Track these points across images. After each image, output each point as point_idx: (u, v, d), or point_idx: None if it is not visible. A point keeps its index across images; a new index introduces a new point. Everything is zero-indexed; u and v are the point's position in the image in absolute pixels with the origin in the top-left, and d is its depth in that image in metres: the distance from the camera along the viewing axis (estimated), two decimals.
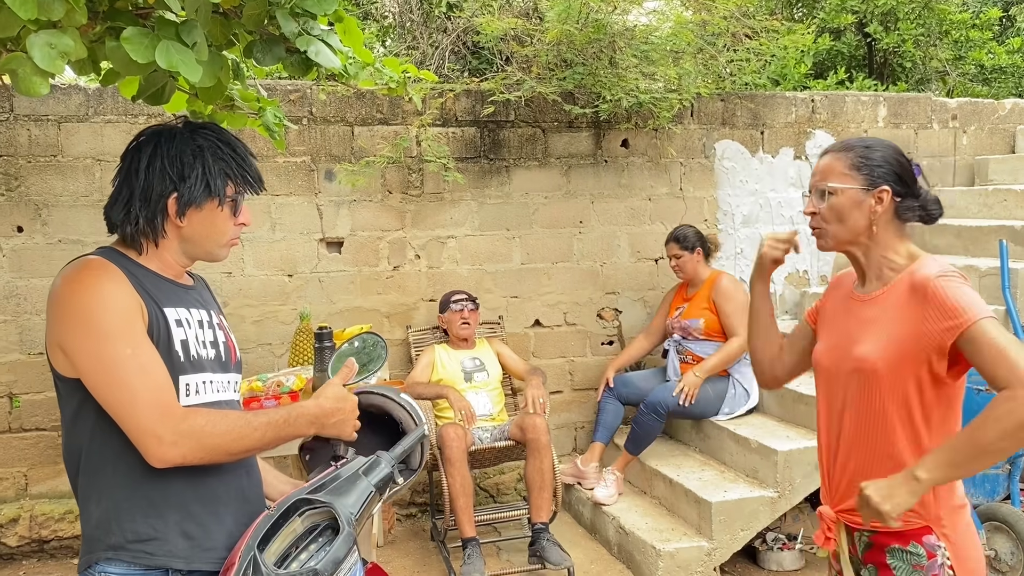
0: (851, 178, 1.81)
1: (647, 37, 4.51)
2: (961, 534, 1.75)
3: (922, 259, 1.79)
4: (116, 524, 1.51)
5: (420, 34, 5.61)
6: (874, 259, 1.83)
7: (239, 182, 1.64)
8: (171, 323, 1.56)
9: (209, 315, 1.69)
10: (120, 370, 1.45)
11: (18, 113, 4.09)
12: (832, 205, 1.82)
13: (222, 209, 1.62)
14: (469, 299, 4.34)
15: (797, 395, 4.12)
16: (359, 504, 1.58)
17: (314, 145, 4.44)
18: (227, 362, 1.70)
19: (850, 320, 1.87)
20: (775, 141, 5.13)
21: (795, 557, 3.99)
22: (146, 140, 1.61)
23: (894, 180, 1.80)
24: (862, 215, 1.80)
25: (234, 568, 1.45)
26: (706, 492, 3.83)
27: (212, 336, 1.67)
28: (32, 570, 4.04)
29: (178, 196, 1.57)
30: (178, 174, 1.57)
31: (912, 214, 1.82)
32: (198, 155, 1.58)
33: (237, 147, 1.65)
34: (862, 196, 1.79)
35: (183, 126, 1.63)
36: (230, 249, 1.71)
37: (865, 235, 1.81)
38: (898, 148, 1.86)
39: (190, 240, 1.63)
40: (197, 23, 1.51)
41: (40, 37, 1.35)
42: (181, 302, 1.62)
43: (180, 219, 1.59)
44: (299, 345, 4.03)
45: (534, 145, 4.75)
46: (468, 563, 3.64)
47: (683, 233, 4.45)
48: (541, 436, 3.87)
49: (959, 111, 5.52)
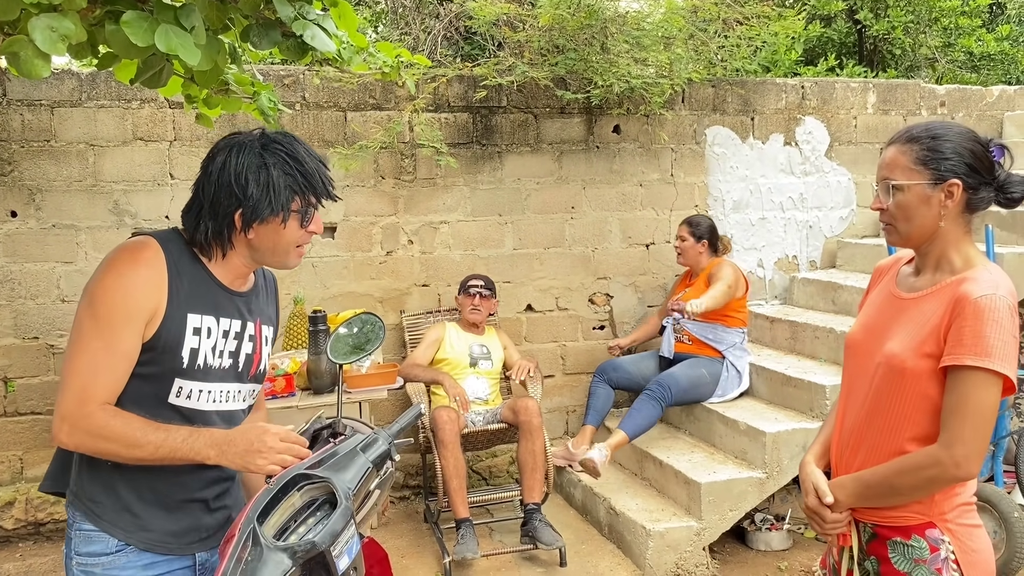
0: (918, 173, 1.71)
1: (639, 23, 4.53)
2: (967, 529, 1.72)
3: (976, 269, 1.70)
4: (79, 476, 1.65)
5: (412, 20, 5.62)
6: (935, 253, 1.76)
7: (307, 195, 1.65)
8: (188, 329, 1.61)
9: (243, 325, 1.73)
10: (80, 352, 1.54)
11: (11, 98, 4.09)
12: (899, 202, 1.73)
13: (285, 225, 1.64)
14: (485, 286, 4.36)
15: (785, 378, 4.18)
16: (357, 479, 1.60)
17: (307, 130, 4.45)
18: (243, 373, 1.75)
19: (889, 312, 1.82)
20: (765, 127, 5.17)
21: (783, 537, 4.06)
22: (220, 152, 1.64)
23: (965, 172, 1.69)
24: (930, 211, 1.71)
25: (234, 540, 1.48)
26: (695, 473, 3.88)
27: (235, 347, 1.71)
28: (28, 552, 4.08)
29: (242, 212, 1.61)
30: (242, 190, 1.59)
31: (986, 203, 1.73)
32: (264, 171, 1.60)
33: (306, 161, 1.65)
34: (930, 192, 1.70)
35: (256, 139, 1.64)
36: (300, 257, 1.74)
37: (935, 231, 1.73)
38: (971, 134, 1.74)
39: (258, 250, 1.67)
40: (195, 7, 1.53)
41: (41, 20, 1.38)
42: (215, 309, 1.66)
43: (247, 232, 1.63)
44: (293, 329, 4.07)
45: (526, 131, 4.77)
46: (462, 543, 3.69)
47: (697, 221, 4.50)
48: (533, 418, 3.91)
49: (948, 98, 5.57)
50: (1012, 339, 1.61)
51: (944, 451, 1.62)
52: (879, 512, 1.77)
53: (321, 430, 1.80)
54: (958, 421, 1.61)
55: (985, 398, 1.60)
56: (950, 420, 1.62)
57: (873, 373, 1.77)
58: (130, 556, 1.62)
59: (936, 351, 1.66)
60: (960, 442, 1.61)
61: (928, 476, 1.65)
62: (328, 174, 1.70)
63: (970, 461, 1.61)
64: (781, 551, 4.02)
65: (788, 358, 4.52)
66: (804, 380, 4.07)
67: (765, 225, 5.23)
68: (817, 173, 5.30)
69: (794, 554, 3.99)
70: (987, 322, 1.60)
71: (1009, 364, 1.61)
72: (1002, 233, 4.20)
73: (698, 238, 4.44)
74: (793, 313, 4.89)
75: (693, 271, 4.54)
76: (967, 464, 1.61)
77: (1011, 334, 1.61)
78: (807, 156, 5.26)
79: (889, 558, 1.74)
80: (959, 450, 1.61)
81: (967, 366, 1.60)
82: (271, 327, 1.86)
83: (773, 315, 4.87)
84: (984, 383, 1.60)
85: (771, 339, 4.83)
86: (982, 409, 1.60)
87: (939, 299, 1.70)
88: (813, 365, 4.30)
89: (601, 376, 4.46)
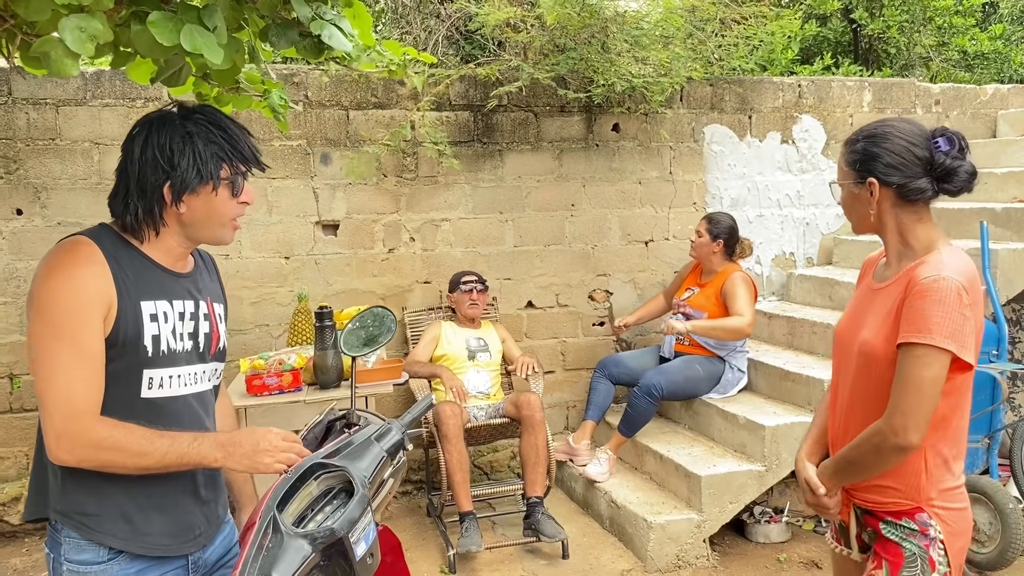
0: (846, 173, 1.89)
1: (638, 22, 4.58)
2: (954, 513, 1.82)
3: (931, 253, 1.79)
4: (63, 493, 1.59)
5: (413, 19, 5.66)
6: (891, 243, 1.88)
7: (234, 162, 1.64)
8: (144, 318, 1.58)
9: (196, 305, 1.70)
10: (49, 366, 1.49)
11: (16, 97, 4.12)
12: (841, 199, 1.94)
13: (216, 192, 1.62)
14: (479, 280, 4.42)
15: (784, 372, 4.24)
16: (372, 468, 1.64)
17: (310, 129, 4.49)
18: (205, 352, 1.72)
19: (865, 302, 1.93)
20: (763, 125, 5.23)
21: (782, 530, 4.11)
22: (138, 130, 1.61)
23: (882, 171, 1.80)
24: (862, 206, 1.87)
25: (255, 528, 1.52)
26: (696, 466, 3.94)
27: (193, 327, 1.68)
28: (35, 547, 4.11)
29: (171, 184, 1.58)
30: (168, 162, 1.57)
31: (922, 193, 1.80)
32: (188, 141, 1.58)
33: (229, 128, 1.64)
34: (856, 190, 1.87)
35: (175, 112, 1.63)
36: (234, 231, 1.71)
37: (875, 224, 1.87)
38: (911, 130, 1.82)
39: (191, 225, 1.64)
40: (218, 7, 1.58)
41: (71, 21, 1.42)
42: (166, 293, 1.64)
43: (177, 206, 1.60)
44: (298, 325, 4.11)
45: (527, 129, 4.82)
46: (466, 536, 3.74)
47: (718, 219, 4.46)
48: (535, 413, 3.96)
49: (942, 96, 5.64)
50: (959, 316, 1.69)
51: (885, 421, 1.74)
52: (870, 499, 1.88)
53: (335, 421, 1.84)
54: (898, 393, 1.72)
55: (923, 372, 1.69)
56: (893, 393, 1.74)
57: (854, 361, 1.89)
58: (122, 564, 1.60)
59: (896, 335, 1.76)
60: (899, 412, 1.72)
61: (873, 445, 1.77)
62: (253, 141, 1.69)
63: (907, 430, 1.71)
64: (780, 543, 4.08)
65: (786, 353, 4.58)
66: (802, 375, 4.12)
67: (762, 222, 5.29)
68: (814, 171, 5.35)
69: (793, 546, 4.05)
70: (929, 301, 1.70)
71: (954, 340, 1.68)
72: (996, 230, 4.26)
73: (715, 236, 4.40)
74: (791, 309, 4.95)
75: (703, 268, 4.52)
76: (905, 433, 1.71)
77: (956, 311, 1.69)
78: (804, 154, 5.32)
79: (881, 530, 1.87)
80: (897, 420, 1.71)
81: (910, 343, 1.71)
82: (221, 304, 1.83)
83: (771, 311, 4.93)
84: (924, 358, 1.69)
85: (769, 335, 4.88)
86: (920, 382, 1.69)
87: (899, 285, 1.80)
88: (811, 360, 4.36)
89: (602, 371, 4.50)
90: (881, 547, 1.85)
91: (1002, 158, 5.19)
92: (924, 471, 1.80)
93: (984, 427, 3.96)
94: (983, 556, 3.59)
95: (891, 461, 1.77)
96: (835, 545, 2.05)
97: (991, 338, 3.89)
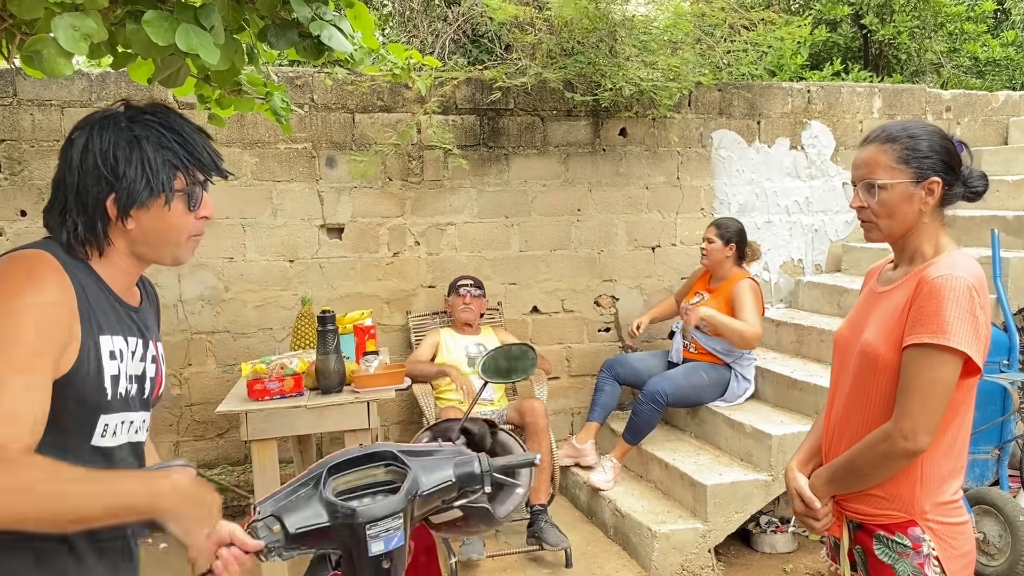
0: (899, 172, 1.75)
1: (647, 27, 4.55)
2: (949, 527, 1.74)
3: (943, 255, 1.75)
4: None
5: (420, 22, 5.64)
6: (912, 246, 1.80)
7: (191, 171, 1.41)
8: (104, 355, 1.35)
9: (145, 345, 1.48)
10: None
11: (21, 98, 4.12)
12: (882, 200, 1.76)
13: (170, 207, 1.39)
14: (474, 284, 4.40)
15: (791, 381, 4.19)
16: (434, 484, 1.61)
17: (315, 132, 4.48)
18: (148, 399, 1.50)
19: (868, 307, 1.87)
20: (771, 131, 5.19)
21: (788, 540, 4.06)
22: (78, 133, 1.38)
23: (943, 169, 1.74)
24: (912, 208, 1.75)
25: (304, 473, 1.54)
26: (701, 475, 3.89)
27: (140, 369, 1.46)
28: None
29: (116, 197, 1.35)
30: (112, 171, 1.34)
31: (956, 197, 1.78)
32: (135, 146, 1.35)
33: (184, 130, 1.41)
34: (912, 189, 1.74)
35: (121, 112, 1.40)
36: (193, 250, 1.48)
37: (915, 226, 1.78)
38: (941, 131, 1.80)
39: (141, 243, 1.41)
40: (215, 7, 1.55)
41: (64, 19, 1.40)
42: (120, 329, 1.41)
43: (124, 222, 1.37)
44: (301, 329, 4.08)
45: (533, 133, 4.79)
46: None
47: (726, 223, 4.41)
48: (539, 419, 3.93)
49: (953, 103, 5.59)
50: (971, 317, 1.63)
51: (893, 424, 1.68)
52: (862, 510, 1.80)
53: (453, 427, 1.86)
54: (908, 395, 1.66)
55: (935, 374, 1.63)
56: (902, 395, 1.67)
57: (854, 364, 1.83)
58: None
59: (901, 336, 1.71)
60: (908, 415, 1.65)
61: (881, 451, 1.70)
62: (213, 145, 1.46)
63: (917, 434, 1.65)
64: (786, 553, 4.03)
65: (794, 361, 4.53)
66: (810, 383, 4.08)
67: (771, 229, 5.24)
68: (823, 177, 5.31)
69: (799, 556, 4.00)
70: (942, 300, 1.64)
71: (967, 342, 1.62)
72: (1008, 238, 4.21)
73: (726, 241, 4.35)
74: (799, 316, 4.90)
75: (714, 274, 4.46)
76: (914, 437, 1.65)
77: (969, 312, 1.63)
78: (813, 160, 5.28)
79: (873, 550, 1.79)
80: (906, 423, 1.65)
81: (921, 344, 1.64)
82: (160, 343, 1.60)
83: (779, 319, 4.88)
84: (937, 359, 1.63)
85: (776, 342, 4.84)
86: (931, 384, 1.63)
87: (907, 287, 1.75)
88: (819, 368, 4.31)
89: (608, 371, 4.46)
90: (875, 571, 1.78)
91: (1013, 165, 5.14)
92: (919, 481, 1.72)
93: (994, 438, 3.90)
94: (993, 569, 3.54)
95: (898, 467, 1.71)
96: (830, 563, 1.98)
97: (1002, 347, 3.83)
